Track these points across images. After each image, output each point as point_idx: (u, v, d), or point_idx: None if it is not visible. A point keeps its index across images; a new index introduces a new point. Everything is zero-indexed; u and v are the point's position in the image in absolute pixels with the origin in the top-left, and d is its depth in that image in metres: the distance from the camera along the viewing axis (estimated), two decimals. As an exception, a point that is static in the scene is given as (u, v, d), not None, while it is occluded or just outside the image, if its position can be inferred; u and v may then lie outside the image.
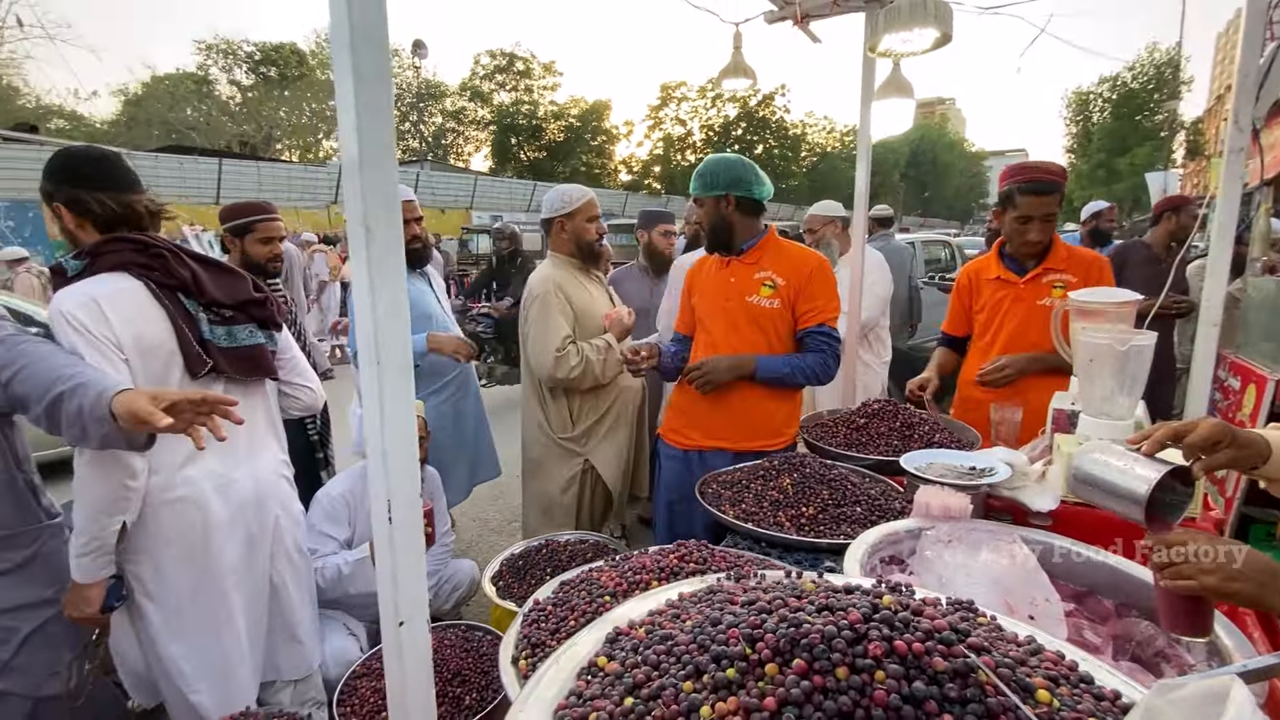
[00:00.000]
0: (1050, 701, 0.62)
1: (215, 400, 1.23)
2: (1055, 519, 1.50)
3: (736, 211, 2.05)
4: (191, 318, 1.50)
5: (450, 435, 2.71)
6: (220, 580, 1.56)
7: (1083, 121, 35.39)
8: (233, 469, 1.58)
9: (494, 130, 34.00)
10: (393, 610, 0.76)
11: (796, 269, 2.04)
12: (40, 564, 1.45)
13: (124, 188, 1.48)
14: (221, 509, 1.55)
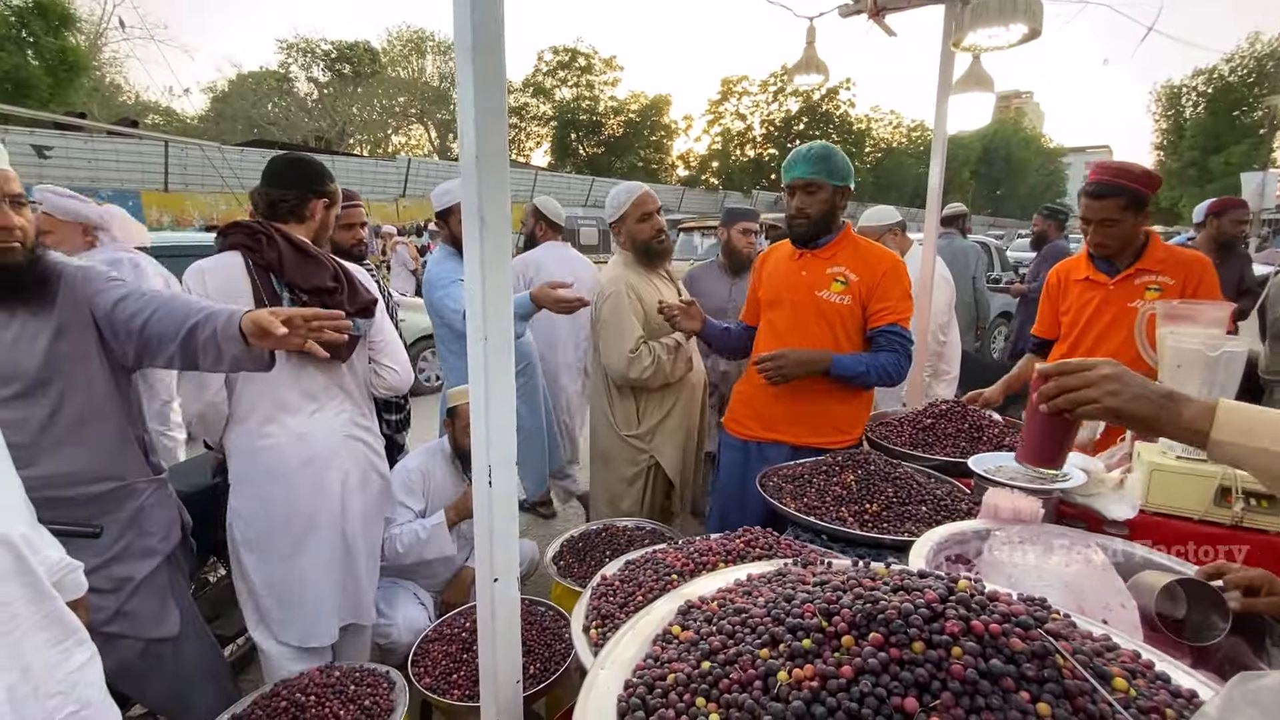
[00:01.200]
0: (1127, 690, 0.63)
1: (326, 316, 1.42)
2: (1132, 529, 1.46)
3: (839, 207, 2.03)
4: (276, 294, 1.72)
5: (523, 425, 2.82)
6: (293, 524, 1.77)
7: (1174, 117, 33.05)
8: (305, 427, 1.77)
9: (554, 126, 34.50)
10: (489, 568, 0.83)
11: (871, 267, 2.01)
12: (148, 515, 1.59)
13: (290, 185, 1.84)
14: (294, 459, 1.75)
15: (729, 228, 3.24)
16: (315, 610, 1.82)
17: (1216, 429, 0.85)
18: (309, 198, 1.87)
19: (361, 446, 1.91)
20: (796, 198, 2.02)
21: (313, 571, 1.80)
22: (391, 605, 2.22)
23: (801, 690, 0.63)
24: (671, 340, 2.39)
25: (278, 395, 1.74)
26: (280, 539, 1.77)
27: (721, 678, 0.71)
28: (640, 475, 2.48)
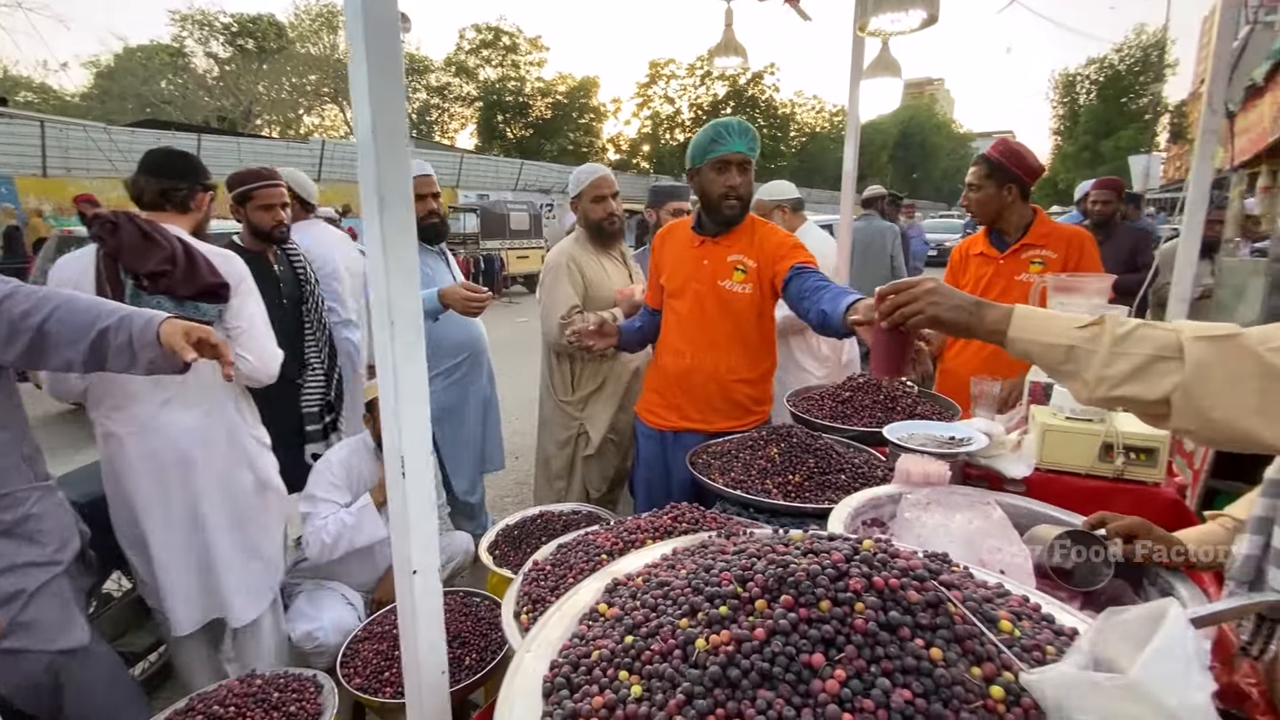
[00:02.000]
0: (1012, 631, 0.68)
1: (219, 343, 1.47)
2: (1029, 485, 1.58)
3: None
4: (120, 281, 1.70)
5: (458, 421, 2.74)
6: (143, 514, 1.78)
7: (1069, 103, 35.50)
8: (152, 417, 1.77)
9: (480, 107, 33.49)
10: (406, 560, 0.81)
11: (769, 251, 1.98)
12: (36, 523, 1.48)
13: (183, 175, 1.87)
14: (136, 451, 1.75)
15: (658, 209, 3.06)
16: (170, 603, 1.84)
17: (1012, 329, 0.99)
18: (197, 190, 1.89)
19: (222, 439, 1.86)
20: (732, 174, 1.92)
21: (162, 562, 1.81)
22: (317, 608, 2.14)
23: (718, 655, 0.65)
24: (608, 314, 2.42)
25: (126, 383, 1.72)
26: (132, 527, 1.79)
27: (643, 650, 0.72)
28: (570, 441, 2.58)
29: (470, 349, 2.71)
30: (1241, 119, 3.82)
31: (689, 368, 2.06)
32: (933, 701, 0.58)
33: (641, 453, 2.25)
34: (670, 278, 2.12)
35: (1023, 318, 0.99)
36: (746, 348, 2.05)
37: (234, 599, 1.91)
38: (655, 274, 2.20)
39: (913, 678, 0.59)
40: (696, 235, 2.06)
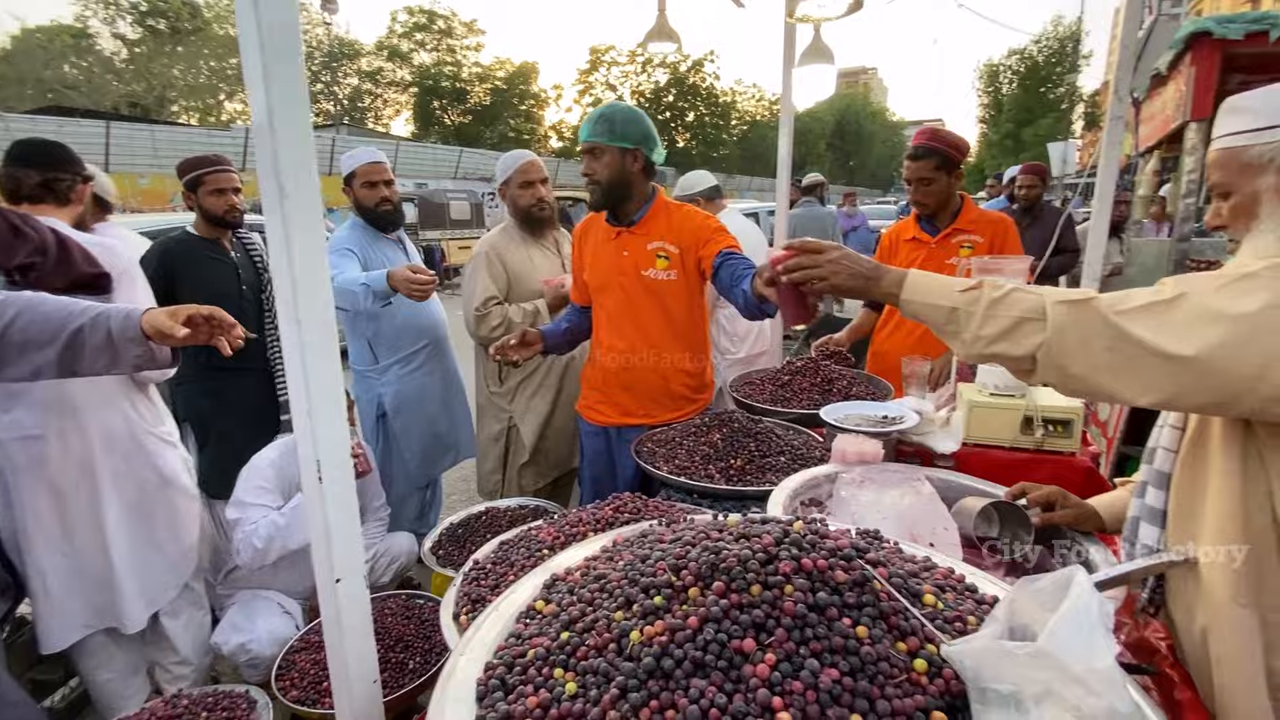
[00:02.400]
0: (935, 604, 0.70)
1: (221, 317, 1.43)
2: (957, 460, 1.65)
3: (641, 172, 1.92)
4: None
5: (418, 411, 2.65)
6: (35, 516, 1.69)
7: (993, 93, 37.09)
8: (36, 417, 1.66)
9: (415, 93, 32.33)
10: (328, 568, 0.77)
11: (688, 233, 1.94)
12: None
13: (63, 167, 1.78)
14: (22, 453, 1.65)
15: None
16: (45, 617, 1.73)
17: (904, 291, 1.07)
18: (79, 181, 1.81)
19: (122, 439, 1.77)
20: (586, 161, 1.95)
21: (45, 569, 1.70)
22: (250, 618, 2.04)
23: (652, 646, 0.65)
24: (531, 305, 2.39)
25: (17, 389, 1.62)
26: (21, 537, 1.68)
27: (579, 646, 0.71)
28: (501, 435, 2.53)
29: (430, 336, 2.62)
30: (1147, 107, 4.07)
31: (626, 364, 2.02)
32: (859, 679, 0.59)
33: (586, 449, 2.23)
34: (593, 273, 2.07)
35: (914, 281, 1.07)
36: (681, 336, 2.01)
37: (130, 606, 1.80)
38: (578, 270, 2.14)
39: (840, 657, 0.60)
40: (612, 227, 2.01)
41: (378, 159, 2.54)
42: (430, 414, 2.68)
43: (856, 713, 0.57)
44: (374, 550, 2.37)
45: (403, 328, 2.56)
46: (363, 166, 2.50)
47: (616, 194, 1.93)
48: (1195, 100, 2.95)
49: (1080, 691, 0.50)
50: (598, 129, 1.88)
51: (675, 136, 35.66)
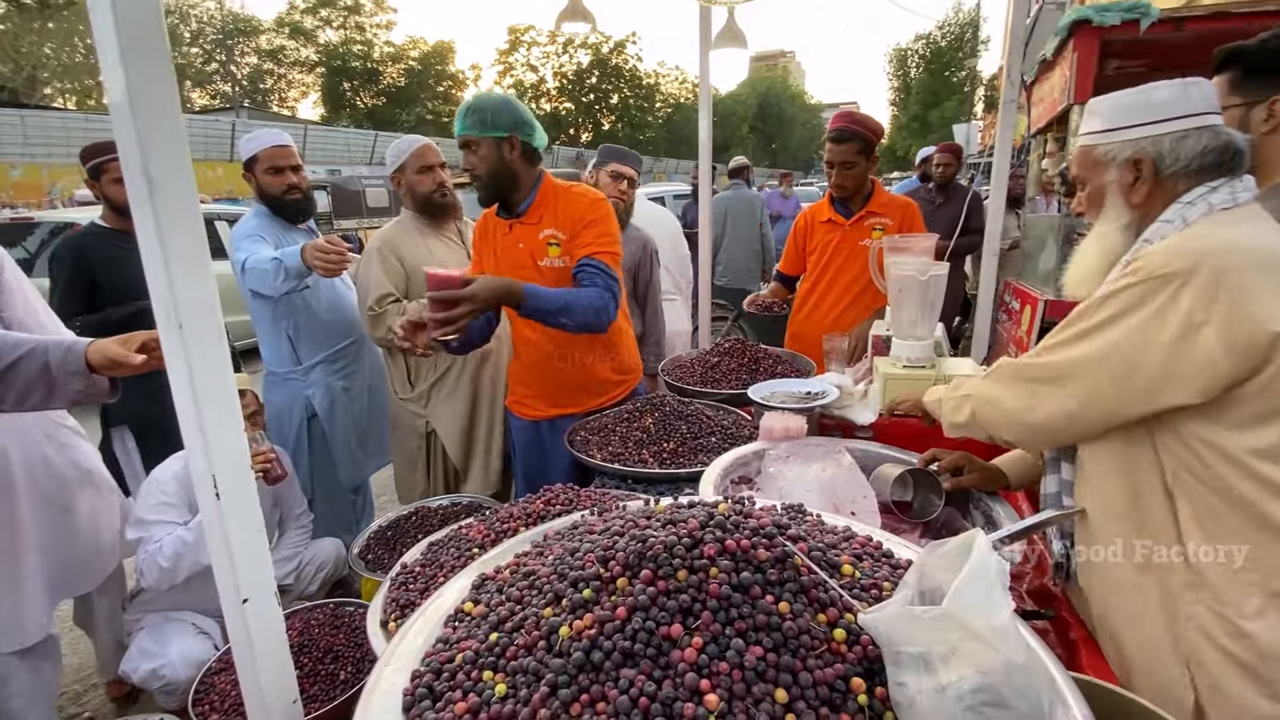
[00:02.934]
0: (853, 574, 0.73)
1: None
2: (876, 430, 1.73)
3: (522, 159, 1.84)
4: None
5: (344, 411, 2.50)
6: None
7: (902, 76, 38.71)
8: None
9: (322, 74, 30.45)
10: (233, 589, 0.72)
11: (572, 217, 1.87)
12: None
13: None
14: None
15: (600, 169, 2.72)
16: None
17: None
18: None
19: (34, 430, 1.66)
20: (465, 156, 1.87)
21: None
22: (162, 642, 1.91)
23: (581, 640, 0.64)
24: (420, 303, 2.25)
25: None
26: None
27: (508, 646, 0.70)
28: (422, 441, 2.38)
29: (356, 333, 2.45)
30: (1037, 90, 4.35)
31: (546, 356, 1.98)
32: (783, 654, 0.61)
33: (516, 443, 2.19)
34: (497, 269, 1.98)
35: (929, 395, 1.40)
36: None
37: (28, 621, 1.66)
38: (479, 265, 2.06)
39: (764, 634, 0.62)
40: (505, 220, 1.94)
41: (283, 142, 2.33)
42: (358, 415, 2.56)
43: (780, 686, 0.59)
44: (299, 559, 2.26)
45: (326, 325, 2.40)
46: (265, 150, 2.30)
47: (500, 185, 1.86)
48: (1078, 84, 3.17)
49: (981, 647, 0.54)
50: (469, 121, 1.80)
51: (601, 119, 35.30)
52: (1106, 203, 1.12)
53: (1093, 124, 1.14)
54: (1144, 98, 1.07)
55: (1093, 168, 1.14)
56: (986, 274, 2.47)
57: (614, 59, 34.87)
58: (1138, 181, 1.07)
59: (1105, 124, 1.11)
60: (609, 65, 34.87)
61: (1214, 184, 1.03)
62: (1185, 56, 2.05)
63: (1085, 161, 1.15)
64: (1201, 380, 0.91)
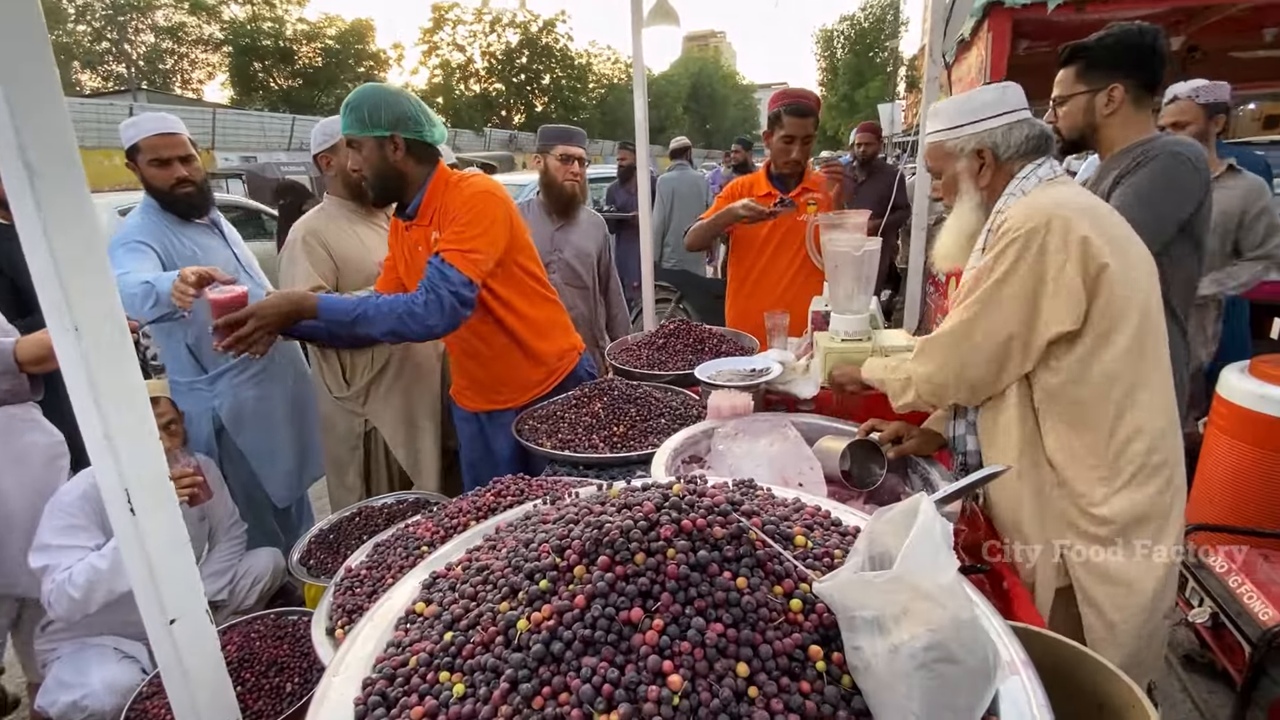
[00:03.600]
0: (805, 544, 0.75)
1: None
2: (818, 403, 1.78)
3: (408, 157, 1.73)
4: None
5: (267, 421, 2.34)
6: None
7: (829, 57, 39.53)
8: None
9: (230, 53, 28.39)
10: (158, 610, 0.66)
11: (449, 214, 1.76)
12: None
13: None
14: None
15: (545, 154, 2.61)
16: None
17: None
18: None
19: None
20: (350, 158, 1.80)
21: None
22: (82, 672, 1.77)
23: (540, 632, 0.63)
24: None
25: None
26: None
27: (465, 644, 0.68)
28: (359, 440, 2.26)
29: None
30: (956, 69, 4.52)
31: (471, 353, 1.94)
32: (742, 629, 0.62)
33: (461, 434, 2.13)
34: (405, 272, 1.90)
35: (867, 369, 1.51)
36: (507, 317, 1.89)
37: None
38: (392, 268, 1.97)
39: (723, 610, 0.62)
40: (401, 221, 1.86)
41: (167, 129, 2.07)
42: (277, 425, 2.37)
43: (741, 661, 0.60)
44: (232, 573, 2.14)
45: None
46: (148, 139, 2.04)
47: (387, 186, 1.76)
48: (993, 64, 3.32)
49: (930, 606, 0.56)
50: (348, 120, 1.70)
51: (533, 100, 34.51)
52: (960, 187, 1.36)
53: (939, 123, 1.35)
54: (976, 100, 1.32)
55: (944, 159, 1.37)
56: (915, 249, 2.57)
57: (544, 38, 34.08)
58: (983, 167, 1.32)
59: (950, 122, 1.33)
60: (539, 45, 34.06)
61: (1039, 161, 1.29)
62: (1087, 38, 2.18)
63: (938, 154, 1.38)
64: (1074, 307, 1.16)
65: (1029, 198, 1.25)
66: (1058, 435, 1.24)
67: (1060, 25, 3.38)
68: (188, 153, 2.12)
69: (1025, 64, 3.97)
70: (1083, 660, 0.84)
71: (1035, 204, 1.21)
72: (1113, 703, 0.83)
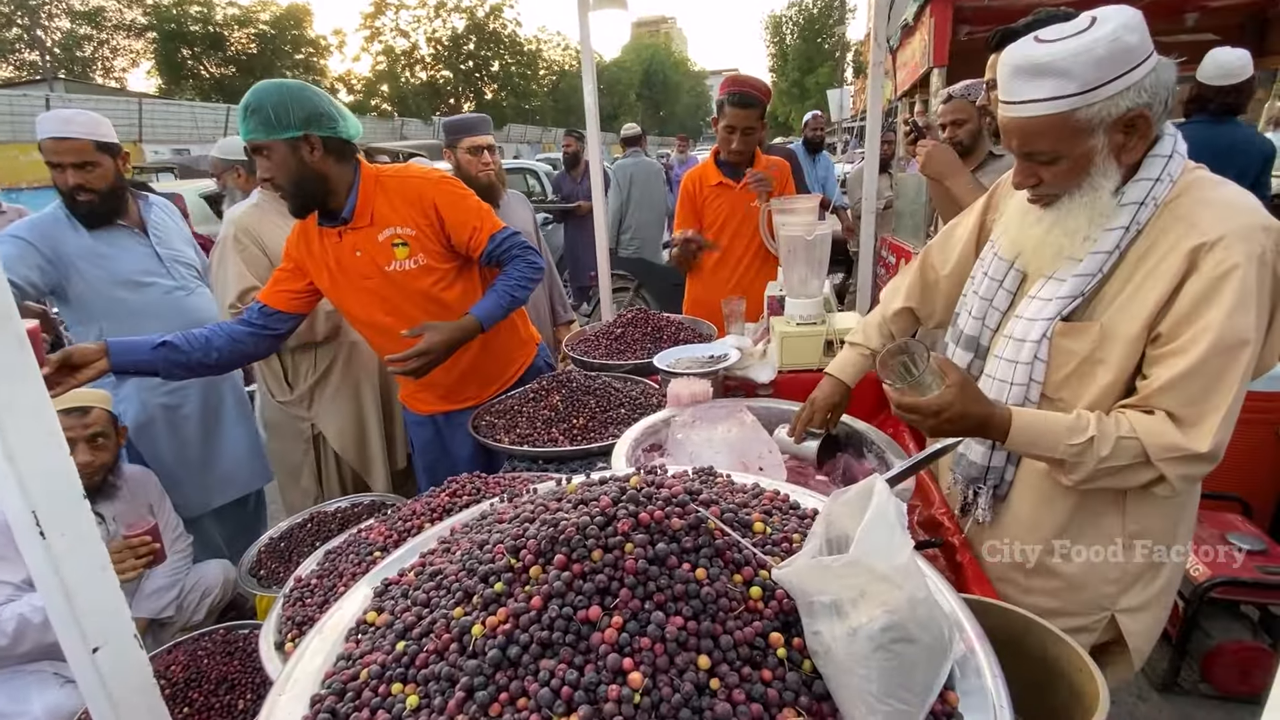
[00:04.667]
0: (764, 530, 0.75)
1: None
2: (776, 388, 1.79)
3: (328, 156, 1.59)
4: None
5: (165, 437, 2.21)
6: None
7: (779, 43, 39.80)
8: None
9: (155, 39, 26.78)
10: (79, 639, 0.61)
11: (416, 208, 1.69)
12: None
13: None
14: None
15: (454, 148, 2.48)
16: None
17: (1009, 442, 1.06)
18: None
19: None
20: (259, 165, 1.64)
21: None
22: (20, 699, 1.67)
23: (496, 637, 0.61)
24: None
25: None
26: None
27: (418, 654, 0.65)
28: (309, 445, 2.18)
29: None
30: (900, 55, 4.61)
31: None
32: (703, 620, 0.61)
33: (415, 440, 2.07)
34: (332, 288, 1.74)
35: (1019, 431, 1.04)
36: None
37: None
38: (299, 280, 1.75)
39: (683, 603, 0.62)
40: (331, 229, 1.69)
41: (60, 132, 1.89)
42: (192, 437, 2.23)
43: (703, 653, 0.59)
44: (179, 587, 2.03)
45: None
46: (46, 141, 1.88)
47: (309, 192, 1.61)
48: (935, 49, 3.38)
49: (887, 587, 0.56)
50: (250, 125, 1.53)
51: (483, 88, 33.73)
52: (1093, 170, 0.98)
53: (1058, 85, 0.93)
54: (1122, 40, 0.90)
55: (1070, 138, 0.96)
56: (865, 232, 2.61)
57: (491, 23, 33.29)
58: (1131, 138, 0.96)
59: (1084, 83, 0.91)
60: (486, 31, 33.25)
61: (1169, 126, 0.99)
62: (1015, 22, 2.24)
63: (1060, 132, 0.95)
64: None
65: (1230, 202, 0.96)
66: None
67: (998, 10, 3.47)
68: (84, 159, 1.93)
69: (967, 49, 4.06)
70: (1031, 627, 0.87)
71: (1236, 212, 0.94)
72: (1060, 666, 0.86)
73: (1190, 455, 0.95)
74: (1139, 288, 0.99)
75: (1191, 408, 0.95)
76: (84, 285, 2.01)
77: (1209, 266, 0.92)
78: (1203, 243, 0.93)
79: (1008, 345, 1.13)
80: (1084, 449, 1.00)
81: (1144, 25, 0.92)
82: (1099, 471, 1.00)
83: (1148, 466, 0.98)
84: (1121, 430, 0.99)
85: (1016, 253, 1.13)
